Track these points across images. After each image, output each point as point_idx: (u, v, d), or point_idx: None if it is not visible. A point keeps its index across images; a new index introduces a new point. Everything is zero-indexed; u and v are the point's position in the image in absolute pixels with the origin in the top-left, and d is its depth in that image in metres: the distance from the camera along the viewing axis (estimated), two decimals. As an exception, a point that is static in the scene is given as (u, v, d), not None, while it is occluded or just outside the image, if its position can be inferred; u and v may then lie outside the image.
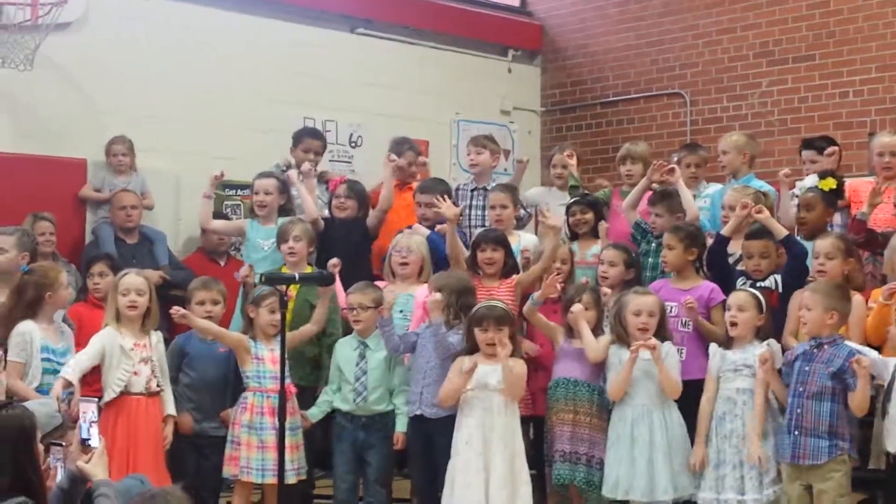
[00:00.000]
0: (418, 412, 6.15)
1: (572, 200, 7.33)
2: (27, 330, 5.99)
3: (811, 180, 6.98)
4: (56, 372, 5.91)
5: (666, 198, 7.02)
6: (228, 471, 6.22)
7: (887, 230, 6.51)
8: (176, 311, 6.25)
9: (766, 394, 5.68)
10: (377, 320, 6.29)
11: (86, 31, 8.39)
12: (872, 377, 5.38)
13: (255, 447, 6.16)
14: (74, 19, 8.17)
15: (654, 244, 6.89)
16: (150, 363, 6.11)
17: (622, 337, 5.98)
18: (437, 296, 6.14)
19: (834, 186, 6.78)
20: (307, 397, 6.54)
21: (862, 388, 5.29)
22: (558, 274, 6.47)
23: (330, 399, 6.43)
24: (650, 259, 6.88)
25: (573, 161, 7.87)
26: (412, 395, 6.24)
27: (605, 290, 6.45)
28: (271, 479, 6.05)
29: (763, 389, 5.67)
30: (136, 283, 6.15)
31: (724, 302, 6.18)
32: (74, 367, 5.84)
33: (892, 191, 6.62)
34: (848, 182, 7.08)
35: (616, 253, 6.60)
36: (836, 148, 7.48)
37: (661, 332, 5.97)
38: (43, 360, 5.99)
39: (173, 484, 4.96)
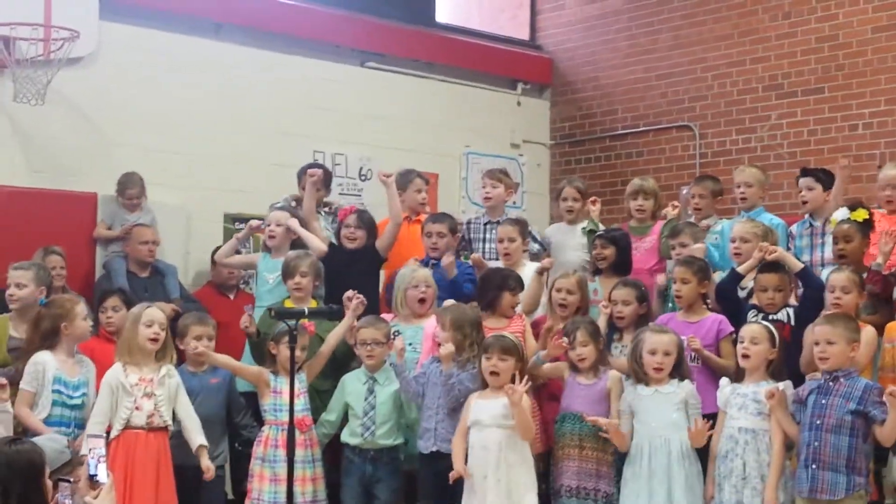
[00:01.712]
0: (434, 448, 6.13)
1: (597, 234, 7.29)
2: (41, 360, 6.03)
3: (842, 213, 6.95)
4: (66, 405, 5.98)
5: (689, 227, 7.04)
6: None
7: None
8: (194, 346, 6.37)
9: (783, 440, 5.64)
10: (393, 367, 6.30)
11: (97, 65, 8.42)
12: None
13: (267, 479, 6.19)
14: (86, 54, 8.20)
15: None
16: (154, 398, 6.08)
17: (638, 375, 5.96)
18: (450, 347, 6.14)
19: (867, 216, 6.77)
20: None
21: (894, 418, 5.25)
22: (564, 317, 6.50)
23: (328, 431, 6.47)
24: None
25: (596, 207, 7.85)
26: (425, 432, 6.23)
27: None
28: (282, 512, 6.06)
29: (780, 435, 5.63)
30: (159, 316, 6.21)
31: (732, 334, 6.20)
32: (99, 422, 5.90)
33: None
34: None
35: (628, 291, 6.58)
36: (846, 162, 7.44)
37: (680, 370, 5.95)
38: (54, 391, 6.02)
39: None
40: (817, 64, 9.69)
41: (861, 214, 6.80)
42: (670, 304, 6.77)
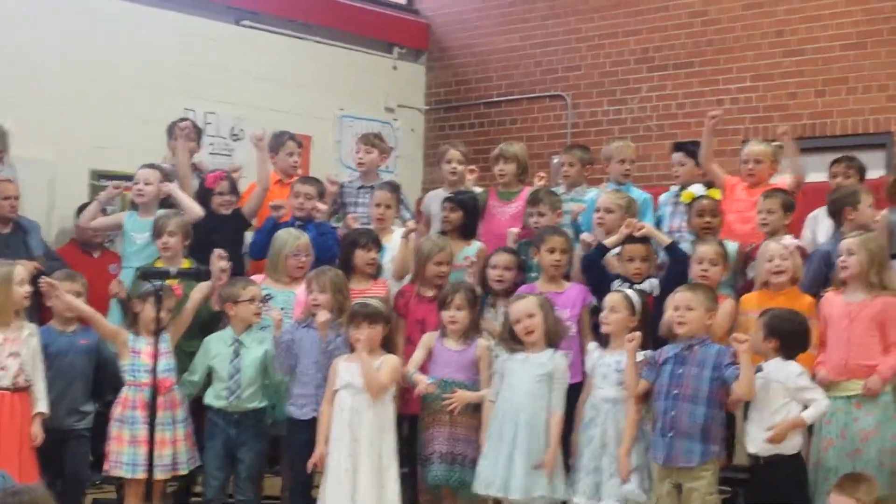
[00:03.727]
0: (313, 414, 6.11)
1: (446, 197, 7.28)
2: None
3: (698, 188, 7.14)
4: None
5: (547, 195, 7.11)
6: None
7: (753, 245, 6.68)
8: (46, 280, 6.21)
9: (637, 412, 5.76)
10: (274, 342, 6.24)
11: (-40, 14, 8.18)
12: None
13: (125, 441, 6.11)
14: (-54, 1, 7.96)
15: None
16: (19, 357, 5.98)
17: (512, 345, 5.99)
18: (326, 314, 6.12)
19: (719, 197, 7.00)
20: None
21: (745, 366, 5.38)
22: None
23: (189, 392, 6.40)
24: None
25: (473, 176, 7.85)
26: (301, 399, 6.21)
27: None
28: (142, 475, 5.99)
29: (634, 408, 5.73)
30: (26, 274, 6.12)
31: (592, 303, 6.37)
32: None
33: (757, 199, 6.78)
34: (726, 177, 7.28)
35: (508, 257, 6.60)
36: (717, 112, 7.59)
37: (551, 330, 5.96)
38: None
39: (41, 481, 4.88)
40: (688, 39, 9.90)
41: (716, 193, 7.02)
42: (533, 274, 6.83)
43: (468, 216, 7.16)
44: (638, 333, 5.74)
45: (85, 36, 8.86)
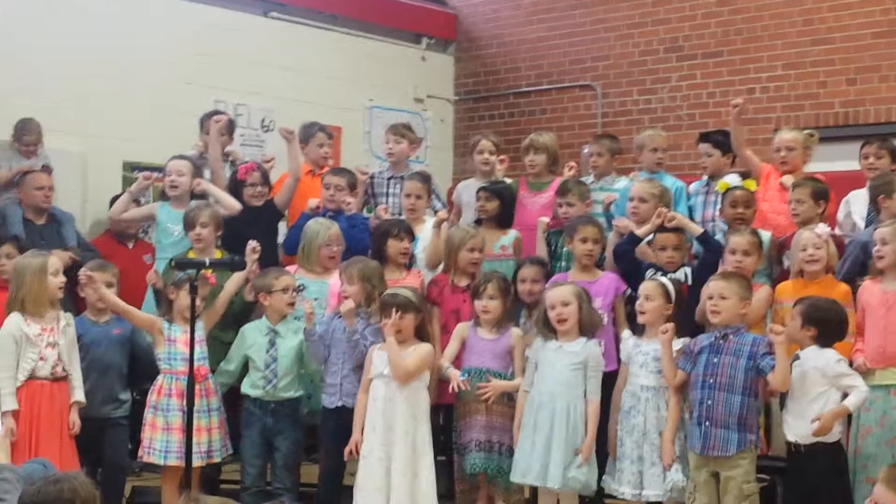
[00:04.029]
0: (340, 403, 6.16)
1: (481, 186, 7.27)
2: None
3: (733, 179, 7.12)
4: None
5: (577, 185, 7.11)
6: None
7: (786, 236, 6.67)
8: (84, 272, 6.24)
9: (678, 401, 5.76)
10: (305, 334, 6.27)
11: (-6, 7, 8.23)
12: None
13: (159, 428, 6.15)
14: (-21, -3, 8.02)
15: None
16: (57, 347, 6.03)
17: (545, 333, 6.00)
18: (351, 303, 6.14)
19: (754, 188, 6.97)
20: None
21: (780, 357, 5.39)
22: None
23: (226, 381, 6.44)
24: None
25: (503, 166, 7.84)
26: (330, 388, 6.25)
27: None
28: (175, 462, 6.05)
29: (675, 398, 5.75)
30: (60, 264, 6.17)
31: (626, 292, 6.35)
32: (10, 376, 5.85)
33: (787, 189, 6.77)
34: (761, 165, 7.25)
35: (536, 269, 6.53)
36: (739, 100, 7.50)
37: (586, 320, 5.97)
38: None
39: (82, 468, 4.93)
40: (717, 27, 9.85)
41: (751, 185, 6.99)
42: (563, 263, 6.83)
43: (504, 206, 7.16)
44: (671, 325, 5.75)
45: (116, 28, 8.89)
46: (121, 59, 8.88)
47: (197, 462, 6.04)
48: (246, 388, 6.38)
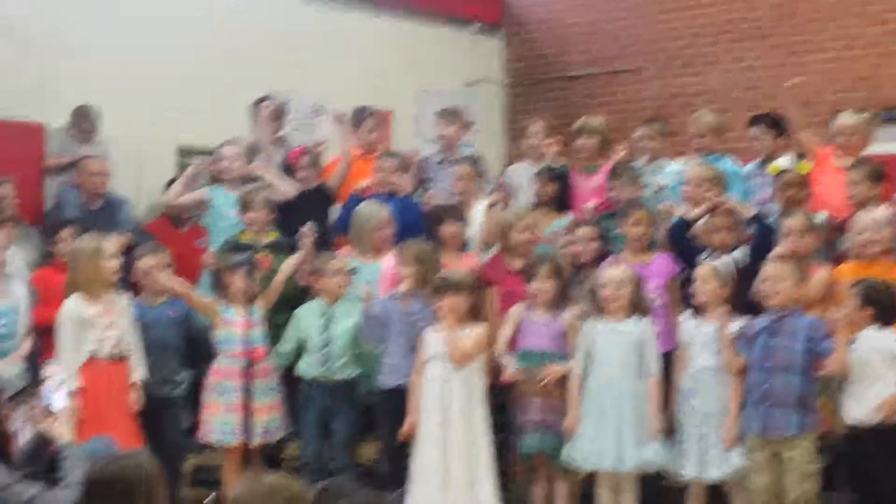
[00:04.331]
0: (398, 383, 6.18)
1: (539, 170, 7.26)
2: None
3: (786, 161, 7.07)
4: None
5: (627, 169, 7.07)
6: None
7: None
8: (144, 264, 6.33)
9: (740, 385, 5.73)
10: (363, 314, 6.31)
11: (48, -6, 8.30)
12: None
13: (219, 410, 6.23)
14: (38, -18, 8.09)
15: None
16: (116, 328, 6.12)
17: (595, 309, 6.01)
18: (406, 284, 6.16)
19: (808, 170, 6.92)
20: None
21: (840, 343, 5.36)
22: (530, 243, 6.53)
23: (282, 362, 6.48)
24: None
25: (554, 148, 7.85)
26: (389, 367, 6.28)
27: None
28: (234, 442, 6.12)
29: (737, 382, 5.72)
30: (114, 249, 6.26)
31: (681, 271, 6.35)
32: (72, 357, 5.92)
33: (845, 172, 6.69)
34: (818, 148, 7.16)
35: (590, 229, 6.62)
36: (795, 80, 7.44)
37: (638, 303, 6.00)
38: None
39: (144, 447, 4.99)
40: (770, 9, 9.77)
41: (806, 167, 6.92)
42: (616, 246, 6.81)
43: (561, 189, 7.14)
44: (726, 309, 5.69)
45: (170, 15, 8.96)
46: (175, 46, 8.93)
47: (256, 441, 6.11)
48: (302, 369, 6.44)
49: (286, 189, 7.35)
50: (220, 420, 6.21)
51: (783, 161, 7.16)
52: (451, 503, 5.83)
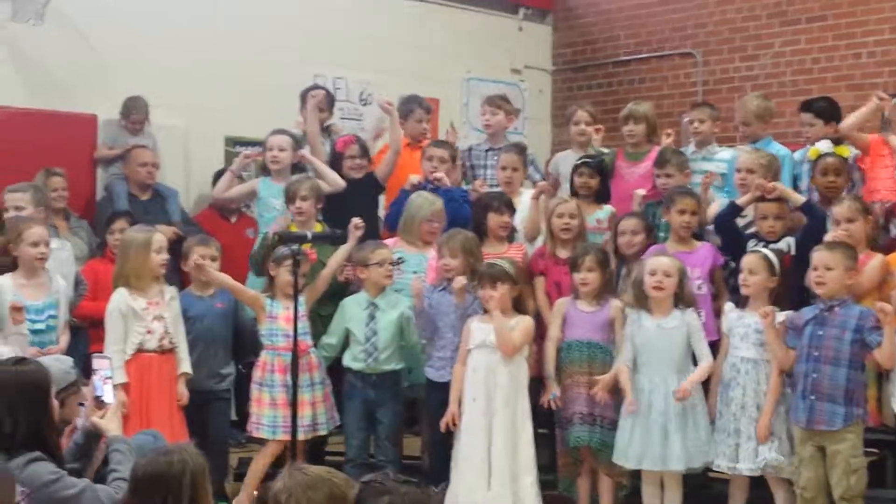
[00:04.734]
0: (449, 377, 6.16)
1: (579, 162, 7.17)
2: None
3: (825, 146, 6.96)
4: (28, 330, 6.00)
5: (675, 155, 7.01)
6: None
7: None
8: (196, 261, 6.35)
9: (781, 380, 5.68)
10: (415, 311, 6.32)
11: (97, -15, 8.36)
12: None
13: (266, 404, 6.23)
14: (86, -26, 8.14)
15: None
16: (163, 321, 6.15)
17: (639, 299, 5.98)
18: (462, 280, 6.14)
19: (849, 154, 6.81)
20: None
21: (889, 336, 5.28)
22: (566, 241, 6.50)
23: (328, 354, 6.48)
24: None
25: (599, 135, 7.79)
26: (438, 361, 6.29)
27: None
28: (283, 436, 6.13)
29: (778, 378, 5.67)
30: (164, 241, 6.29)
31: (726, 263, 6.29)
32: (119, 349, 5.98)
33: None
34: (868, 137, 7.05)
35: (636, 221, 6.57)
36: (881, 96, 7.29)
37: (682, 296, 5.96)
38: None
39: (191, 441, 5.02)
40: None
41: (844, 151, 6.83)
42: (662, 234, 6.76)
43: (603, 181, 7.11)
44: (771, 308, 5.65)
45: (216, 3, 8.98)
46: (221, 36, 8.95)
47: (302, 435, 6.11)
48: (347, 360, 6.44)
49: (335, 180, 7.33)
50: (268, 415, 6.22)
51: (822, 145, 7.06)
52: (492, 494, 5.82)
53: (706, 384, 5.98)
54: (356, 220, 6.63)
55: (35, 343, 6.00)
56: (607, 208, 7.04)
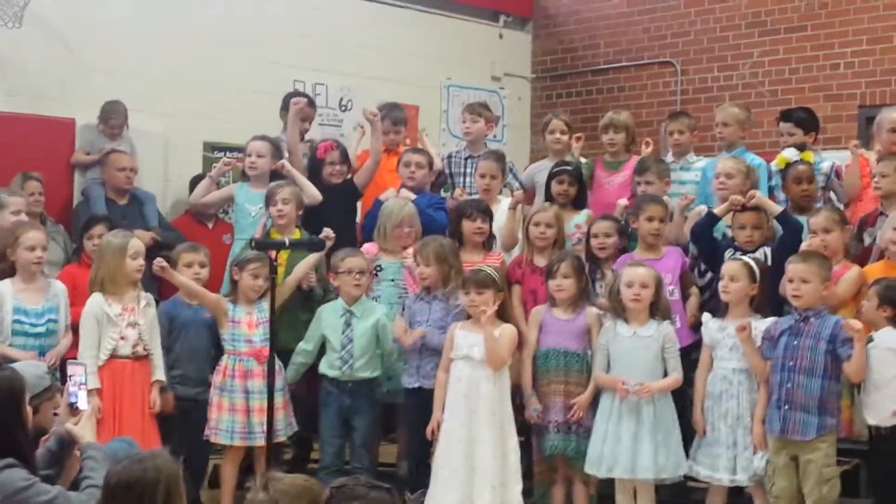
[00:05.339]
0: (417, 384, 6.22)
1: (557, 170, 7.15)
2: None
3: (791, 153, 7.02)
4: (28, 335, 6.05)
5: (656, 164, 7.03)
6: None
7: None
8: (158, 262, 6.28)
9: (767, 389, 5.68)
10: (414, 344, 6.28)
11: (75, -12, 8.33)
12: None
13: (225, 409, 6.22)
14: (64, -23, 8.11)
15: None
16: (138, 327, 6.12)
17: (617, 310, 5.98)
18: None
19: (812, 160, 6.88)
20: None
21: (858, 350, 5.31)
22: (541, 249, 6.52)
23: (304, 361, 6.47)
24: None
25: (579, 144, 7.79)
26: (409, 368, 6.31)
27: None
28: (239, 442, 6.15)
29: (765, 387, 5.68)
30: (141, 247, 6.24)
31: (702, 273, 6.38)
32: (93, 354, 5.93)
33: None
34: (862, 153, 7.08)
35: (609, 224, 6.57)
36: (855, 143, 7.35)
37: (659, 306, 5.96)
38: (14, 320, 6.09)
39: (162, 447, 5.00)
40: (800, 1, 9.65)
41: (809, 156, 6.93)
42: (633, 243, 6.78)
43: (581, 188, 7.11)
44: (748, 322, 5.66)
45: (195, 7, 8.96)
46: (201, 41, 8.92)
47: (258, 441, 6.11)
48: (323, 367, 6.43)
49: (313, 194, 7.27)
50: (226, 420, 6.21)
51: (787, 153, 7.10)
52: (474, 503, 5.81)
53: (682, 400, 5.97)
54: (327, 231, 6.63)
55: (35, 347, 6.02)
56: (585, 212, 7.03)
